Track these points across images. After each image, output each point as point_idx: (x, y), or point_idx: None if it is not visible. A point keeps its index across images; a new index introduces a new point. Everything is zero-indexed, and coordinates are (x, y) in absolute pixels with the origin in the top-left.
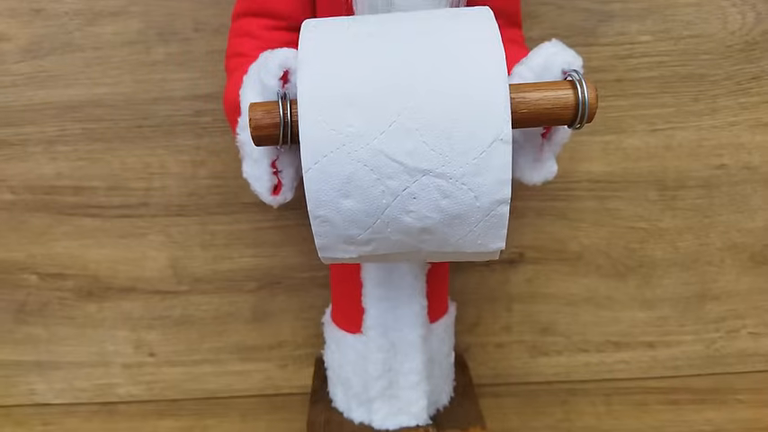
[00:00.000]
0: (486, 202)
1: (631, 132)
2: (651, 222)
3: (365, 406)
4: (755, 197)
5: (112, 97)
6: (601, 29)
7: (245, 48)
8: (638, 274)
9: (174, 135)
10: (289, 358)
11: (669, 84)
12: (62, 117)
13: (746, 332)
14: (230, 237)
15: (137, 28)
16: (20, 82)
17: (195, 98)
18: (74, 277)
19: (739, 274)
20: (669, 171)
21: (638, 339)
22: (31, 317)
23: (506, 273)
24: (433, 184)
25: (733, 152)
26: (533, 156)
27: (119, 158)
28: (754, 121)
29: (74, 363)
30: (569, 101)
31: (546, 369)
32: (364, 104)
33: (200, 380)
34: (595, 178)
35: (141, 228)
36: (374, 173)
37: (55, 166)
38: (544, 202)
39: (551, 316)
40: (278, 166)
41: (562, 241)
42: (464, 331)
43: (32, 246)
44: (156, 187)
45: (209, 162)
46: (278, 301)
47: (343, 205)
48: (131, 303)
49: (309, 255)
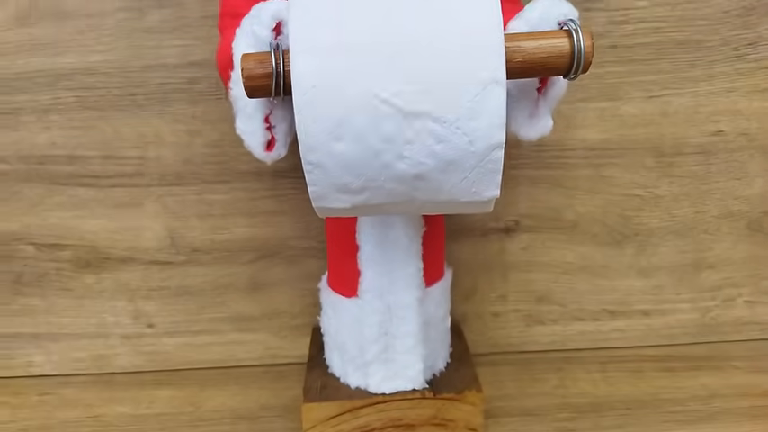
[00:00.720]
0: (481, 147)
1: (627, 99)
2: (647, 190)
3: (361, 370)
4: (752, 164)
5: (105, 65)
6: None
7: (238, 5)
8: (634, 243)
9: (168, 103)
10: (286, 328)
11: (666, 50)
12: (55, 85)
13: (742, 300)
14: (227, 206)
15: None
16: (10, 50)
17: (190, 65)
18: (71, 248)
19: (735, 242)
20: (666, 138)
21: (633, 308)
22: (28, 288)
23: (502, 241)
24: (427, 128)
25: (730, 118)
26: (529, 111)
27: (113, 127)
28: (750, 87)
29: (72, 334)
30: (564, 49)
31: (542, 338)
32: (357, 48)
33: (198, 350)
34: (591, 146)
35: (137, 197)
36: (367, 116)
37: (48, 135)
38: (539, 170)
39: (547, 284)
40: (271, 121)
41: (558, 209)
42: (460, 300)
43: (27, 216)
44: (152, 156)
45: (204, 131)
46: (275, 272)
47: (335, 149)
48: (129, 274)
49: (306, 225)
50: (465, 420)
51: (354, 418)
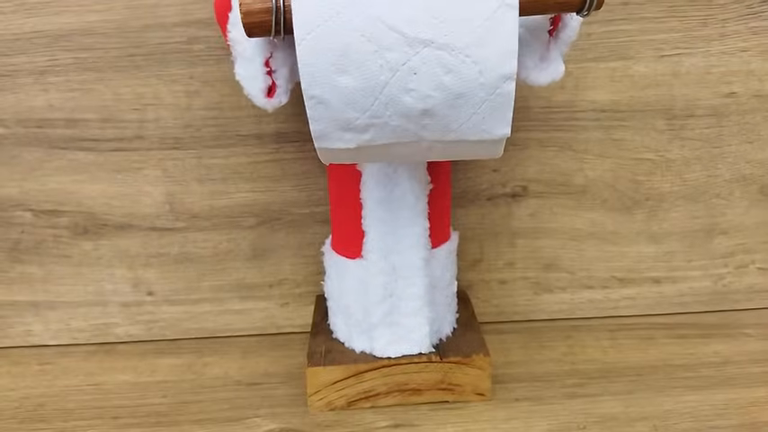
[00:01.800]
0: (491, 78)
1: (638, 59)
2: (658, 153)
3: (366, 334)
4: (765, 126)
5: (103, 25)
6: None
7: None
8: (645, 208)
9: (166, 64)
10: (289, 296)
11: (677, 7)
12: (52, 46)
13: (755, 267)
14: (227, 171)
15: None
16: (8, 10)
17: (188, 24)
18: (69, 214)
19: (748, 207)
20: (677, 99)
21: (643, 275)
22: (26, 255)
23: (509, 207)
24: (434, 56)
25: (743, 79)
26: (540, 54)
27: (111, 89)
28: (765, 47)
29: (70, 302)
30: None
31: (550, 306)
32: None
33: (199, 319)
34: (601, 107)
35: (136, 162)
36: (372, 44)
37: (46, 97)
38: (548, 132)
39: (555, 251)
40: (271, 65)
41: (566, 174)
42: (467, 267)
43: (25, 181)
44: (150, 119)
45: (203, 92)
46: (277, 238)
47: (339, 82)
48: (128, 241)
49: (309, 189)
50: (472, 385)
51: (359, 383)
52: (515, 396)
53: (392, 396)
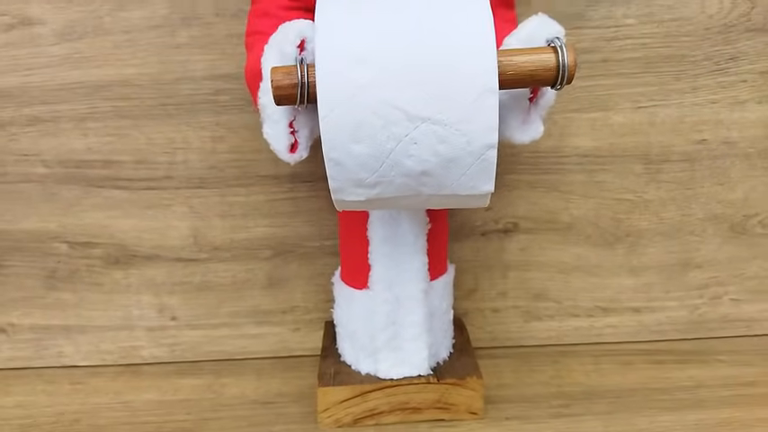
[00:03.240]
0: (477, 147)
1: (617, 110)
2: (637, 194)
3: (371, 357)
4: (735, 170)
5: (140, 77)
6: (588, 13)
7: (263, 26)
8: (625, 243)
9: (195, 112)
10: (300, 322)
11: (652, 64)
12: (93, 96)
13: (728, 299)
14: (247, 207)
15: (162, 13)
16: (54, 63)
17: (215, 78)
18: (102, 246)
19: (721, 243)
20: (653, 146)
21: (625, 305)
22: (61, 283)
23: (502, 242)
24: (431, 130)
25: (713, 128)
26: (522, 118)
27: (145, 134)
28: (732, 99)
29: (100, 326)
30: (551, 63)
31: (539, 333)
32: (373, 62)
33: (218, 342)
34: (584, 153)
35: (165, 199)
36: (381, 120)
37: (85, 141)
38: (536, 175)
39: (544, 283)
40: (295, 126)
41: (553, 212)
42: (462, 297)
43: (63, 216)
44: (179, 161)
45: (227, 138)
46: (291, 269)
47: (353, 149)
48: (155, 270)
49: (320, 225)
50: (466, 405)
51: (364, 402)
52: (506, 415)
53: (394, 414)
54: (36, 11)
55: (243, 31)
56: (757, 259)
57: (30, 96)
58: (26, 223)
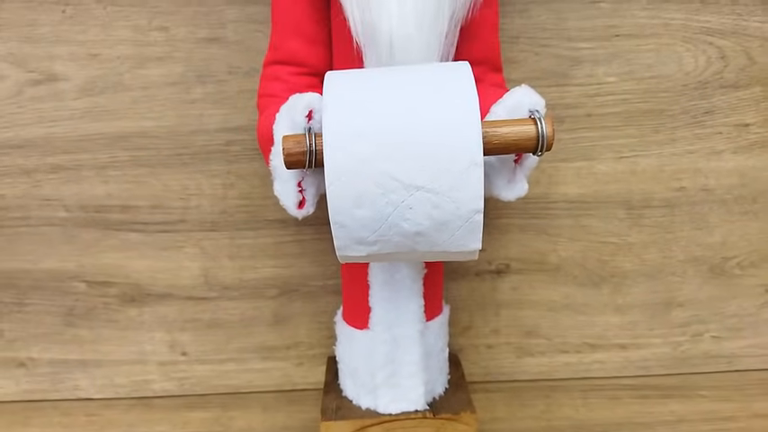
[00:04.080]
0: (466, 212)
1: (601, 159)
2: (620, 237)
3: (372, 393)
4: (712, 215)
5: (157, 129)
6: (572, 72)
7: (274, 90)
8: (611, 284)
9: (208, 161)
10: (304, 357)
11: (633, 117)
12: (113, 146)
13: (709, 336)
14: (255, 249)
15: (179, 71)
16: (77, 116)
17: (227, 130)
18: (118, 285)
19: (701, 283)
20: (635, 193)
21: (611, 342)
22: (79, 320)
23: (494, 282)
24: (425, 197)
25: (691, 176)
26: (508, 178)
27: (161, 181)
28: (708, 150)
29: (115, 361)
30: (531, 134)
31: (530, 368)
32: (373, 138)
33: (226, 376)
34: (571, 199)
35: (178, 241)
36: (380, 189)
37: (105, 187)
38: (527, 219)
39: (535, 320)
40: (303, 186)
41: (543, 254)
42: (458, 334)
43: (82, 257)
44: (192, 206)
45: (237, 185)
46: (295, 307)
47: (356, 213)
48: (167, 308)
49: (323, 265)
50: None
51: None
52: None
53: None
54: (61, 68)
55: (254, 87)
56: (736, 299)
57: (53, 146)
58: (47, 263)
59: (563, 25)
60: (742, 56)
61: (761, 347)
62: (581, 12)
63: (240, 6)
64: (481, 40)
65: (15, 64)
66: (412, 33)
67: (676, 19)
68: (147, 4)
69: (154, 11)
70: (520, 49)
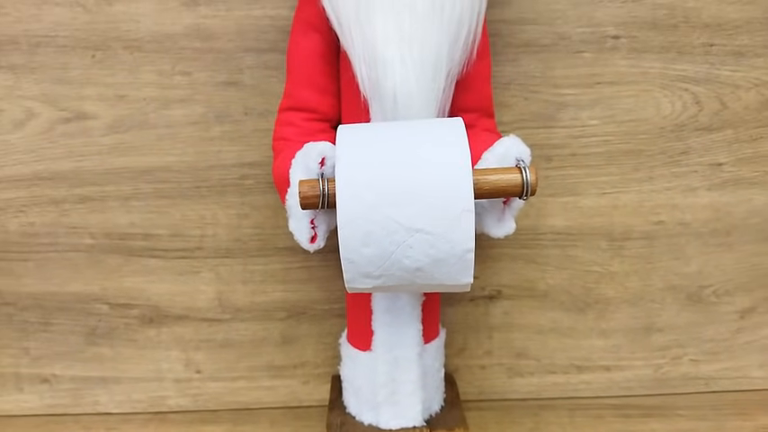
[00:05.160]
0: (459, 251)
1: (585, 195)
2: (604, 267)
3: (373, 410)
4: (689, 247)
5: (178, 164)
6: (558, 115)
7: (289, 134)
8: (595, 309)
9: (224, 194)
10: (310, 376)
11: (614, 157)
12: (137, 179)
13: (687, 359)
14: (266, 275)
15: (199, 111)
16: (104, 151)
17: (242, 165)
18: (138, 307)
19: (679, 310)
20: (617, 226)
21: (596, 363)
22: (101, 339)
23: (487, 307)
24: (423, 238)
25: (669, 211)
26: (497, 217)
27: (180, 211)
28: (685, 187)
29: (133, 378)
30: (517, 182)
31: (521, 388)
32: (380, 187)
33: (237, 393)
34: (558, 231)
35: (195, 267)
36: (385, 230)
37: (129, 217)
38: (517, 249)
39: (525, 343)
40: (315, 223)
41: (532, 281)
42: (453, 355)
43: (106, 281)
44: (209, 235)
45: (251, 215)
46: (302, 329)
47: (364, 251)
48: (184, 328)
49: (329, 291)
50: None
51: None
52: None
53: None
54: (91, 107)
55: (267, 127)
56: (712, 324)
57: (81, 179)
58: (72, 287)
59: (550, 73)
60: (715, 101)
61: (735, 370)
62: (566, 61)
63: (256, 54)
64: (475, 91)
65: (48, 103)
66: (413, 90)
67: (654, 67)
68: (171, 51)
69: (177, 57)
70: (511, 95)
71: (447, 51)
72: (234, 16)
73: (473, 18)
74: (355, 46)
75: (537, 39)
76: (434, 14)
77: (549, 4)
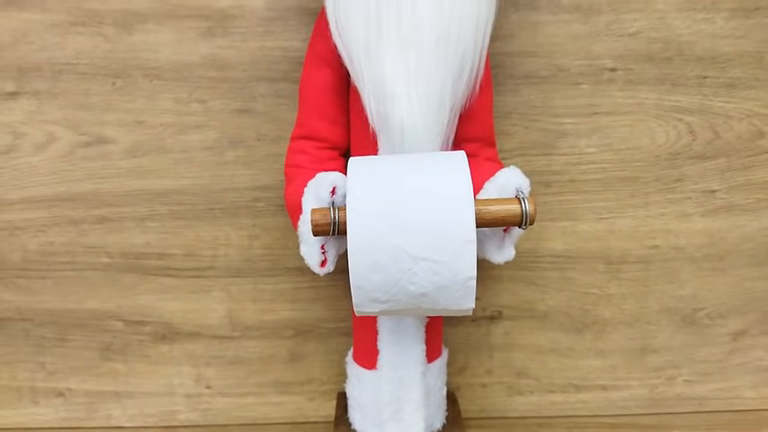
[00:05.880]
0: (462, 278)
1: (583, 220)
2: (601, 289)
3: (378, 427)
4: (683, 271)
5: (193, 187)
6: (558, 143)
7: (300, 161)
8: (593, 330)
9: (237, 216)
10: (316, 392)
11: (611, 183)
12: (153, 201)
13: (682, 380)
14: (275, 294)
15: (214, 137)
16: (122, 174)
17: (255, 189)
18: (152, 324)
19: (674, 332)
20: (613, 250)
21: (594, 383)
22: (115, 355)
23: (489, 327)
24: (428, 266)
25: (664, 236)
26: (498, 244)
27: (194, 232)
28: (679, 213)
29: (145, 393)
30: (517, 212)
31: (521, 406)
32: (388, 218)
33: (245, 408)
34: (556, 254)
35: (207, 286)
36: (392, 259)
37: (145, 237)
38: (518, 271)
39: (525, 362)
40: (325, 248)
41: (532, 302)
42: (455, 374)
43: (121, 298)
44: (221, 255)
45: (262, 236)
46: (309, 346)
47: (372, 278)
48: (195, 345)
49: (335, 310)
50: None
51: None
52: None
53: None
54: (110, 132)
55: (278, 152)
56: (706, 346)
57: (100, 200)
58: (89, 304)
59: (550, 103)
60: (708, 131)
61: (728, 391)
62: (565, 92)
63: (268, 83)
64: (477, 122)
65: (69, 127)
66: (418, 124)
67: (650, 98)
68: (188, 79)
69: (194, 85)
70: (512, 123)
71: (451, 87)
72: (248, 47)
73: (476, 54)
74: (365, 81)
75: (537, 71)
76: (439, 52)
77: (548, 37)
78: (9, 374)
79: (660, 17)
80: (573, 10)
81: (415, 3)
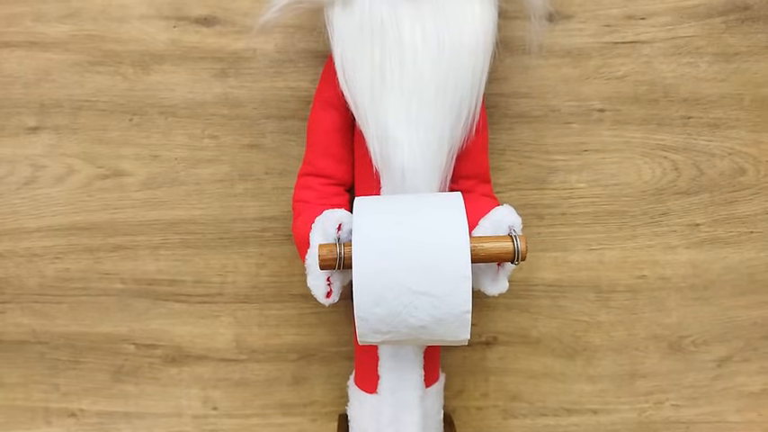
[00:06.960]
0: (458, 312)
1: (573, 251)
2: (591, 317)
3: None
4: (670, 300)
5: (204, 217)
6: (549, 178)
7: (308, 197)
8: (583, 356)
9: (245, 245)
10: (318, 414)
11: (600, 217)
12: (166, 230)
13: (669, 404)
14: (280, 319)
15: (225, 171)
16: (137, 205)
17: (262, 219)
18: (162, 347)
19: (661, 358)
20: (602, 279)
21: (585, 407)
22: (126, 377)
23: (484, 352)
24: (427, 300)
25: (651, 267)
26: (492, 278)
27: (204, 260)
28: (665, 245)
29: (155, 413)
30: (509, 249)
31: (515, 429)
32: (390, 254)
33: (250, 429)
34: (548, 283)
35: (215, 311)
36: (394, 293)
37: (157, 264)
38: (511, 299)
39: (518, 386)
40: (331, 280)
41: (525, 329)
42: (452, 397)
43: (133, 323)
44: (229, 282)
45: (268, 264)
46: (312, 370)
47: (375, 311)
48: (203, 368)
49: (338, 334)
50: None
51: None
52: None
53: None
54: (127, 165)
55: (286, 185)
56: (692, 371)
57: (115, 229)
58: (102, 327)
59: (542, 141)
60: (692, 168)
61: (713, 415)
62: (556, 131)
63: (277, 120)
64: (473, 160)
65: (87, 161)
66: (419, 167)
67: (636, 137)
68: (202, 117)
69: (206, 122)
70: (506, 159)
71: (450, 132)
72: (259, 87)
73: (472, 101)
74: (369, 126)
75: (530, 110)
76: (438, 101)
77: (540, 79)
78: (24, 395)
79: (646, 61)
80: (564, 55)
81: (416, 55)
